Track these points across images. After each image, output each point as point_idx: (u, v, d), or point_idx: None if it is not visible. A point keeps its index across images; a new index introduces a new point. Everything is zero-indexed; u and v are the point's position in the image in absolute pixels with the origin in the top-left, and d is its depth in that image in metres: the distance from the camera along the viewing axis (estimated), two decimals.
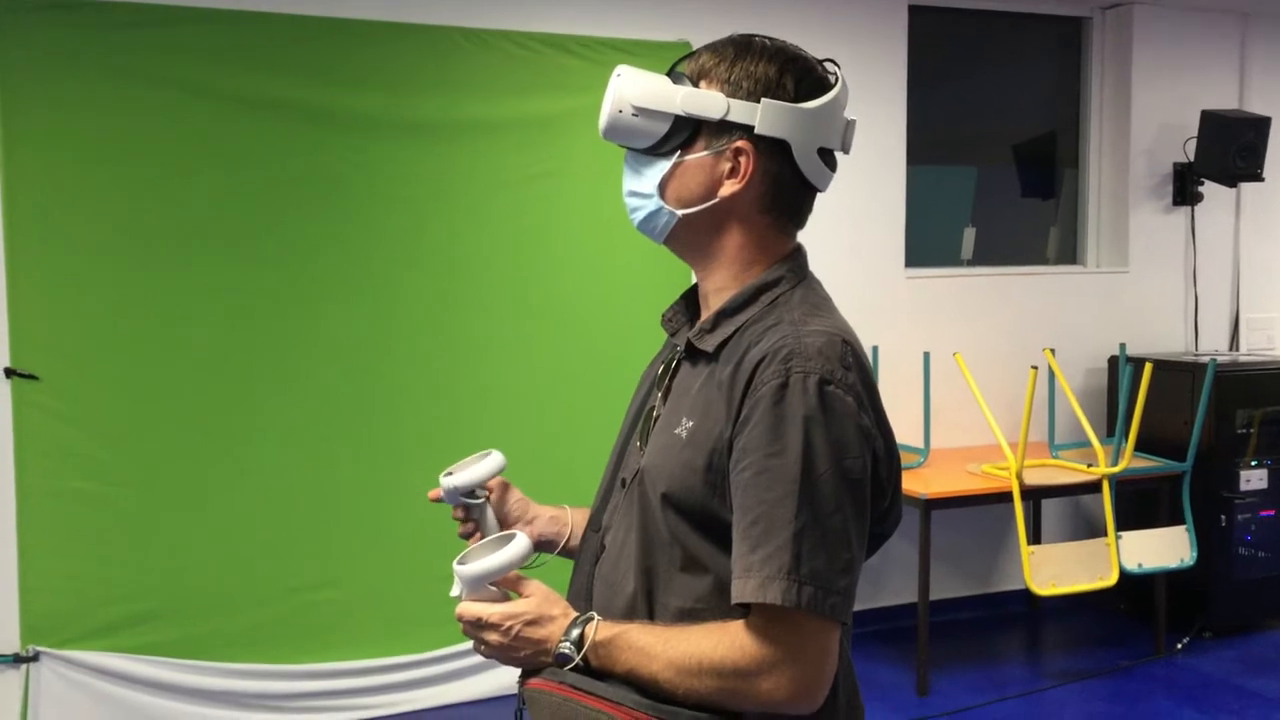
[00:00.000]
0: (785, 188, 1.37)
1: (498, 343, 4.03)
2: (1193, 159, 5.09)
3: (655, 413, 1.42)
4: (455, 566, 1.36)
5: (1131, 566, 4.15)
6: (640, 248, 1.86)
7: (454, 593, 1.39)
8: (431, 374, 3.96)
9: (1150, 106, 5.15)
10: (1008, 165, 5.40)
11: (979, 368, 4.61)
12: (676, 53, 2.86)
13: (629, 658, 1.27)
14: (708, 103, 1.34)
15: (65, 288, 3.56)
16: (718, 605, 1.28)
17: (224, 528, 3.74)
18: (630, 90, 1.35)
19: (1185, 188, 5.19)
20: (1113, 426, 4.63)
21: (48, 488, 3.55)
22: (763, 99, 1.33)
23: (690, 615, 1.30)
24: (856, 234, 4.64)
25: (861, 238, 4.67)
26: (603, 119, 1.37)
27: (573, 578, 1.47)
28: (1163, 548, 4.26)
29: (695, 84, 1.36)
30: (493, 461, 1.56)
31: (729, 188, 1.35)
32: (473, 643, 1.38)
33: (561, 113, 4.03)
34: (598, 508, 1.47)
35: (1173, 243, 5.26)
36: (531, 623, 1.33)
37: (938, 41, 5.00)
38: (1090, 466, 4.23)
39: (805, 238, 1.45)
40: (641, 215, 1.41)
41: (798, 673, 1.23)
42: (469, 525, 1.57)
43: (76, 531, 3.59)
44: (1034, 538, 4.93)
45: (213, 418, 3.73)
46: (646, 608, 1.33)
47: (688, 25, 4.22)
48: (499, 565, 1.34)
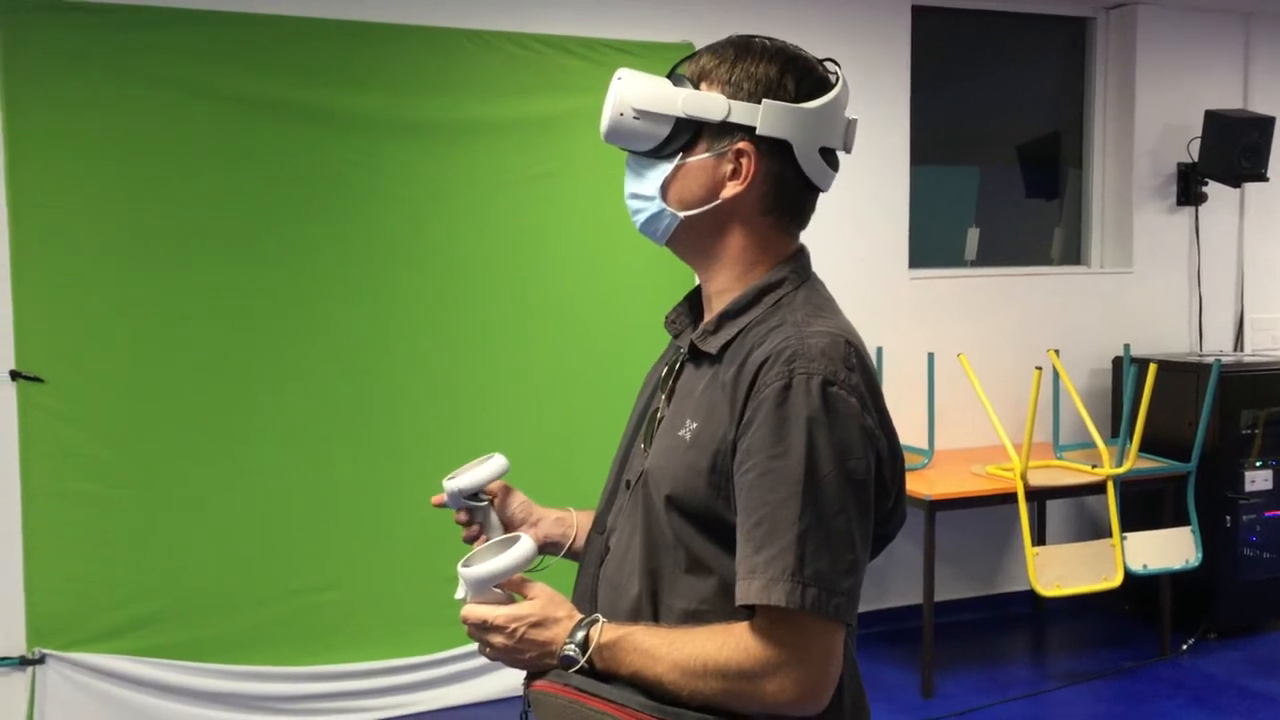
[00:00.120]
0: (787, 188, 1.37)
1: (499, 344, 4.04)
2: (1197, 159, 5.09)
3: (659, 415, 1.42)
4: (460, 569, 1.36)
5: (1136, 567, 4.14)
6: (642, 249, 1.86)
7: (459, 595, 1.39)
8: (432, 375, 3.96)
9: (1154, 106, 5.15)
10: (1011, 165, 5.40)
11: (983, 368, 4.61)
12: (678, 53, 2.86)
13: (634, 660, 1.27)
14: (709, 104, 1.34)
15: (69, 290, 3.56)
16: (722, 607, 1.28)
17: (227, 529, 3.75)
18: (631, 93, 1.35)
19: (1189, 188, 5.19)
20: (1117, 427, 4.62)
21: (53, 490, 3.56)
22: (764, 100, 1.33)
23: (695, 617, 1.30)
24: (860, 235, 4.64)
25: (865, 238, 4.66)
26: (604, 122, 1.37)
27: (577, 580, 1.46)
28: (1168, 549, 4.25)
29: (696, 86, 1.36)
30: (495, 464, 1.56)
31: (731, 189, 1.35)
32: (477, 645, 1.38)
33: (562, 114, 4.03)
34: (602, 510, 1.47)
35: (1177, 243, 5.26)
36: (536, 625, 1.33)
37: (941, 42, 5.00)
38: (1095, 467, 4.22)
39: (809, 238, 1.45)
40: (643, 217, 1.41)
41: (802, 674, 1.22)
42: (473, 529, 1.57)
43: (81, 533, 3.59)
44: (1039, 539, 4.92)
45: (215, 419, 3.74)
46: (651, 610, 1.32)
47: (690, 26, 4.22)
48: (503, 568, 1.34)
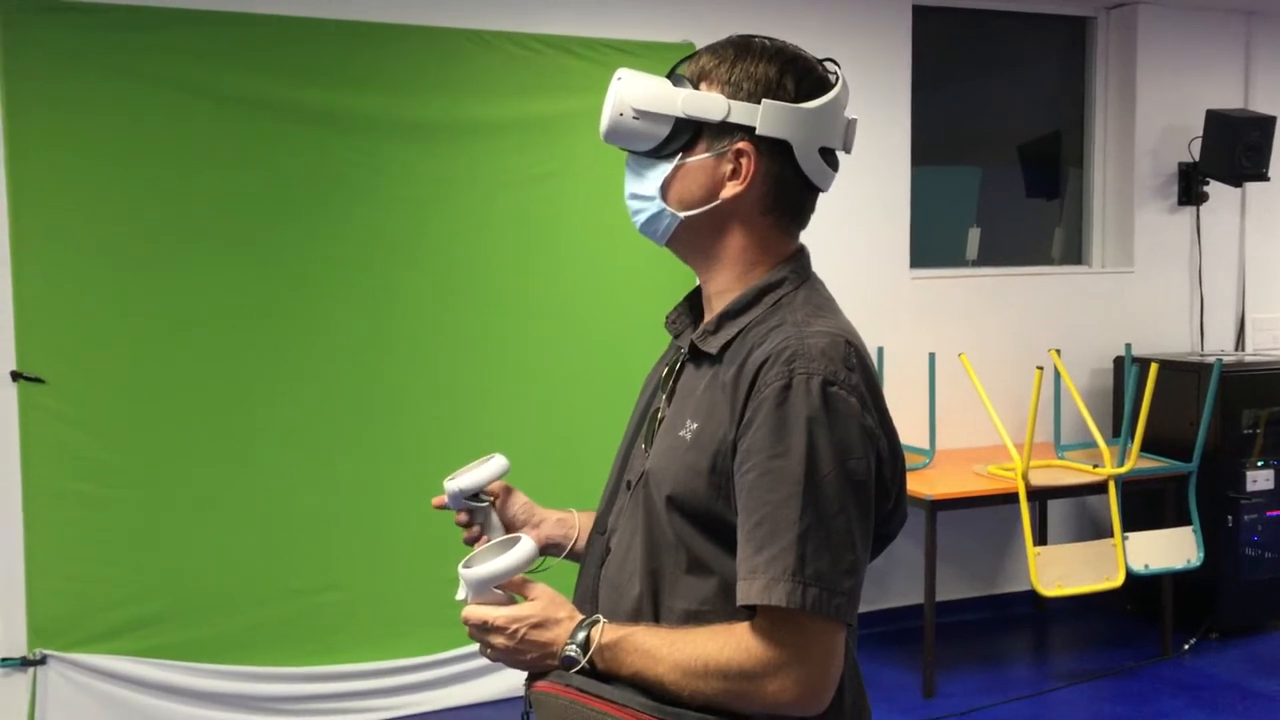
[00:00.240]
0: (787, 188, 1.37)
1: (500, 344, 4.03)
2: (1198, 159, 5.08)
3: (660, 415, 1.42)
4: (461, 570, 1.36)
5: (1138, 567, 4.14)
6: (642, 249, 1.86)
7: (459, 596, 1.39)
8: (434, 375, 3.96)
9: (1155, 106, 5.15)
10: (1012, 165, 5.40)
11: (984, 368, 4.60)
12: (679, 53, 2.86)
13: (635, 660, 1.27)
14: (708, 104, 1.34)
15: (70, 291, 3.56)
16: (723, 607, 1.28)
17: (228, 530, 3.75)
18: (631, 93, 1.35)
19: (1190, 187, 5.18)
20: (1118, 427, 4.62)
21: (53, 490, 3.56)
22: (763, 100, 1.33)
23: (696, 617, 1.30)
24: (861, 235, 4.64)
25: (866, 238, 4.66)
26: (604, 122, 1.37)
27: (578, 580, 1.47)
28: (1169, 548, 4.25)
29: (696, 86, 1.36)
30: (495, 465, 1.56)
31: (731, 189, 1.35)
32: (478, 646, 1.38)
33: (563, 114, 4.03)
34: (603, 510, 1.47)
35: (1178, 243, 5.25)
36: (537, 626, 1.33)
37: (942, 42, 4.99)
38: (1096, 467, 4.22)
39: (809, 238, 1.44)
40: (643, 218, 1.41)
41: (803, 674, 1.23)
42: (474, 530, 1.57)
43: (82, 534, 3.59)
44: (1040, 539, 4.92)
45: (216, 419, 3.74)
46: (652, 610, 1.32)
47: (690, 26, 4.22)
48: (504, 569, 1.34)
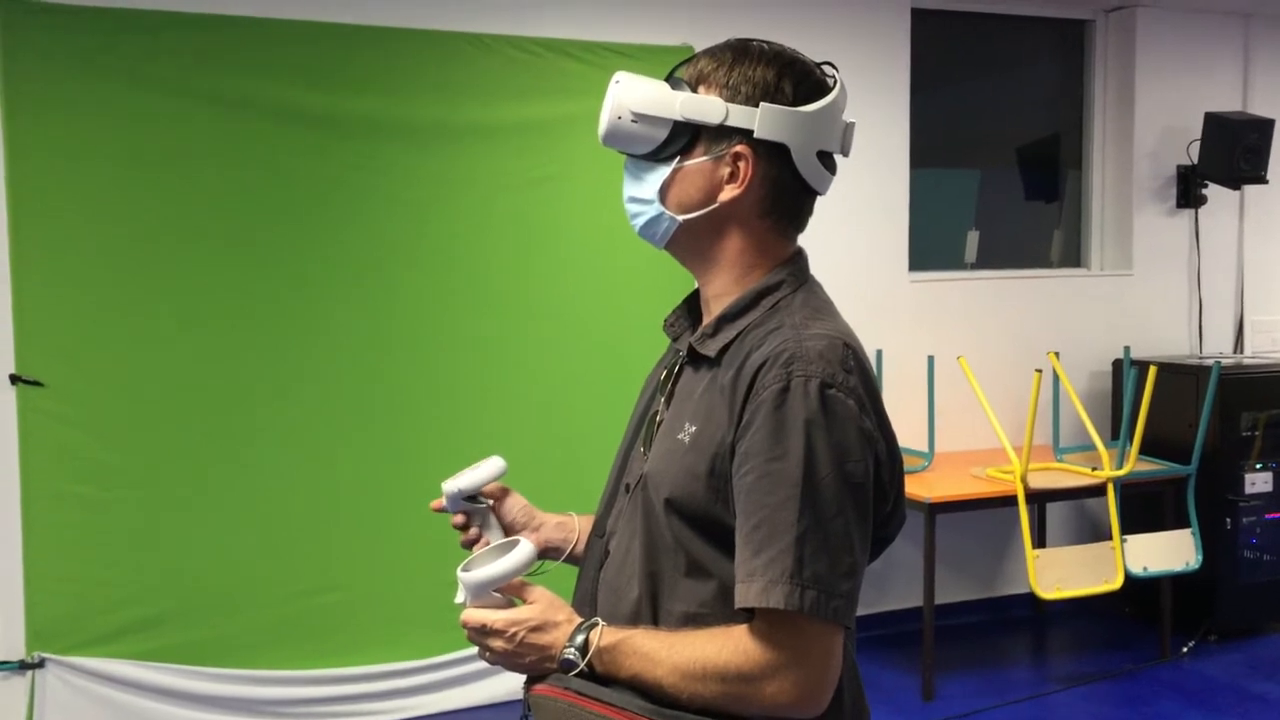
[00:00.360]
0: (785, 191, 1.37)
1: (500, 346, 4.03)
2: (1196, 161, 5.09)
3: (658, 418, 1.42)
4: (459, 573, 1.36)
5: (1137, 570, 4.14)
6: (641, 252, 1.86)
7: (458, 599, 1.39)
8: (434, 378, 3.96)
9: (1154, 109, 5.15)
10: (1011, 168, 5.40)
11: (983, 371, 4.60)
12: (678, 56, 2.86)
13: (633, 663, 1.27)
14: (706, 108, 1.34)
15: (69, 293, 3.56)
16: (722, 610, 1.28)
17: (227, 532, 3.74)
18: (629, 96, 1.36)
19: (1189, 190, 5.18)
20: (1117, 430, 4.62)
21: (53, 493, 3.55)
22: (761, 103, 1.33)
23: (694, 620, 1.30)
24: (860, 237, 4.64)
25: (865, 241, 4.66)
26: (602, 125, 1.37)
27: (577, 583, 1.47)
28: (1168, 551, 4.25)
29: (694, 89, 1.36)
30: (493, 466, 1.56)
31: (729, 192, 1.35)
32: (477, 649, 1.38)
33: (562, 117, 4.03)
34: (602, 513, 1.47)
35: (1177, 245, 5.26)
36: (536, 629, 1.33)
37: (941, 44, 5.00)
38: (1095, 470, 4.22)
39: (808, 241, 1.45)
40: (642, 221, 1.41)
41: (801, 676, 1.23)
42: (472, 532, 1.57)
43: (81, 536, 3.58)
44: (1039, 541, 4.92)
45: (216, 422, 3.73)
46: (651, 613, 1.33)
47: (689, 29, 4.22)
48: (503, 572, 1.34)
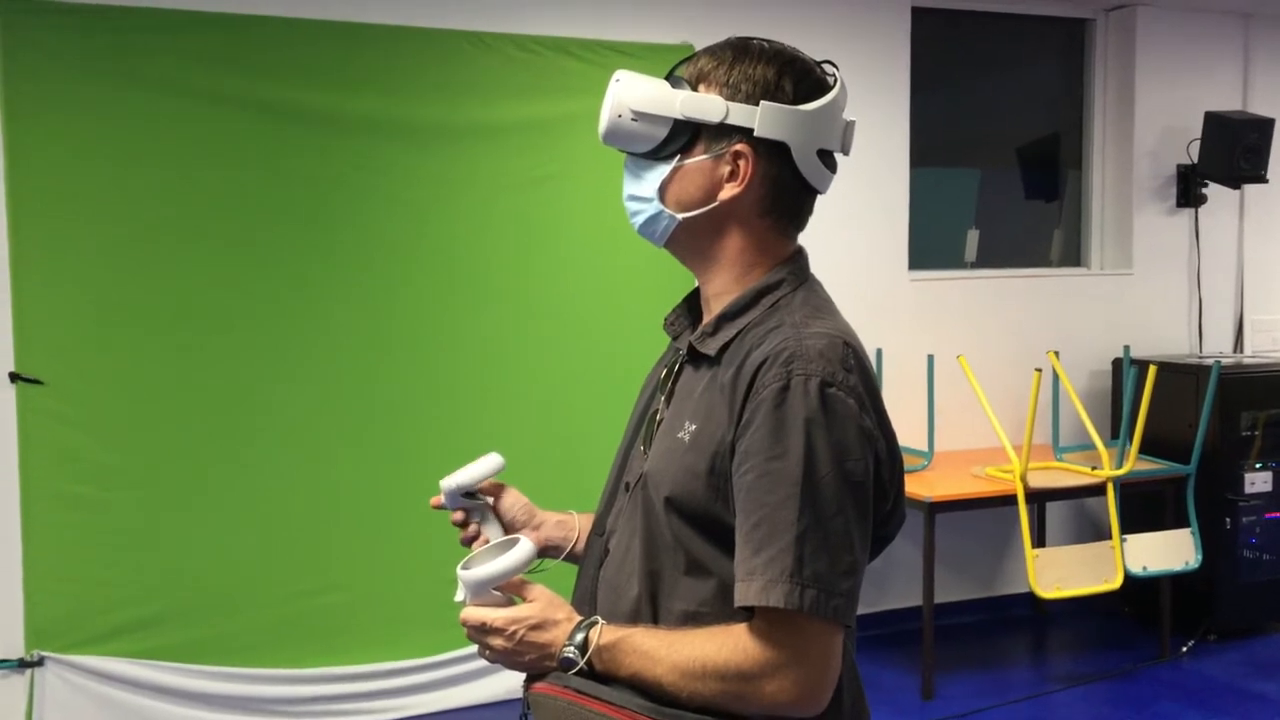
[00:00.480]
0: (785, 190, 1.37)
1: (500, 345, 4.03)
2: (1196, 161, 5.09)
3: (659, 416, 1.42)
4: (459, 571, 1.36)
5: (1136, 569, 4.14)
6: (642, 250, 1.86)
7: (458, 598, 1.39)
8: (434, 377, 3.96)
9: (1154, 108, 5.15)
10: (1011, 167, 5.40)
11: (983, 370, 4.61)
12: (678, 55, 2.85)
13: (633, 661, 1.27)
14: (706, 106, 1.34)
15: (69, 292, 3.56)
16: (721, 608, 1.28)
17: (227, 531, 3.74)
18: (629, 95, 1.35)
19: (1189, 189, 5.18)
20: (1117, 429, 4.62)
21: (52, 492, 3.55)
22: (761, 102, 1.33)
23: (694, 619, 1.30)
24: (860, 236, 4.64)
25: (865, 240, 4.66)
26: (602, 124, 1.37)
27: (577, 582, 1.46)
28: (1167, 550, 4.25)
29: (694, 88, 1.36)
30: (489, 462, 1.55)
31: (729, 191, 1.35)
32: (477, 647, 1.38)
33: (563, 116, 4.03)
34: (602, 512, 1.47)
35: (1177, 245, 5.26)
36: (536, 627, 1.33)
37: (941, 44, 5.00)
38: (1095, 469, 4.22)
39: (808, 240, 1.45)
40: (642, 219, 1.41)
41: (801, 675, 1.23)
42: (471, 530, 1.57)
43: (81, 536, 3.58)
44: (1038, 541, 4.92)
45: (216, 421, 3.73)
46: (651, 611, 1.33)
47: (690, 28, 4.22)
48: (503, 570, 1.34)
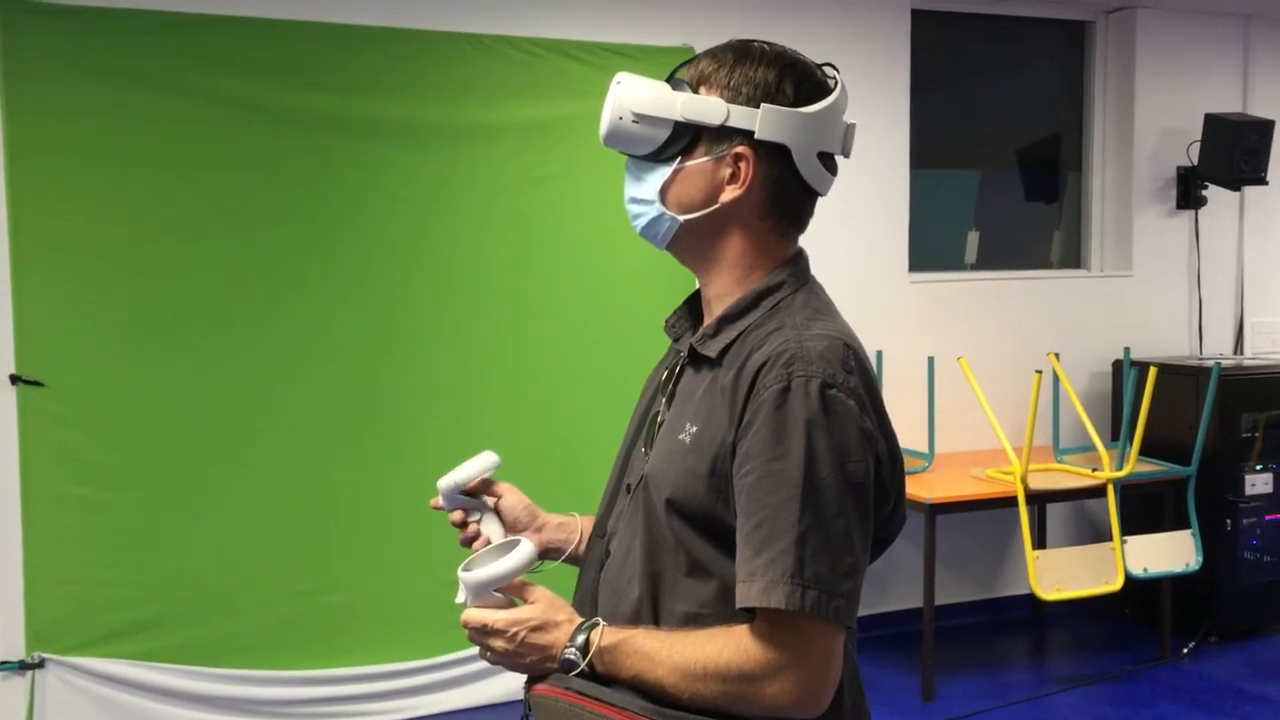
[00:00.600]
0: (786, 192, 1.37)
1: (501, 347, 4.04)
2: (1196, 162, 5.09)
3: (660, 418, 1.42)
4: (460, 573, 1.36)
5: (1137, 571, 4.14)
6: (643, 252, 1.86)
7: (459, 599, 1.39)
8: (435, 378, 3.97)
9: (1153, 110, 5.15)
10: (1011, 169, 5.40)
11: (983, 372, 4.61)
12: (679, 57, 2.86)
13: (634, 663, 1.27)
14: (707, 109, 1.34)
15: (69, 294, 3.56)
16: (723, 610, 1.28)
17: (228, 532, 3.74)
18: (630, 97, 1.36)
19: (1189, 191, 5.19)
20: (1117, 430, 4.62)
21: (53, 494, 3.55)
22: (762, 104, 1.33)
23: (695, 620, 1.30)
24: (860, 238, 4.64)
25: (865, 242, 4.66)
26: (603, 126, 1.37)
27: (578, 583, 1.47)
28: (1168, 552, 4.25)
29: (695, 90, 1.36)
30: (485, 459, 1.55)
31: (730, 193, 1.36)
32: (478, 649, 1.38)
33: (563, 117, 4.04)
34: (603, 513, 1.47)
35: (1177, 246, 5.26)
36: (537, 629, 1.33)
37: (941, 45, 5.00)
38: (1095, 471, 4.22)
39: (808, 242, 1.45)
40: (643, 221, 1.41)
41: (802, 676, 1.23)
42: (471, 530, 1.57)
43: (82, 537, 3.58)
44: (1039, 542, 4.92)
45: (216, 422, 3.73)
46: (652, 613, 1.33)
47: (690, 30, 4.23)
48: (504, 571, 1.35)
